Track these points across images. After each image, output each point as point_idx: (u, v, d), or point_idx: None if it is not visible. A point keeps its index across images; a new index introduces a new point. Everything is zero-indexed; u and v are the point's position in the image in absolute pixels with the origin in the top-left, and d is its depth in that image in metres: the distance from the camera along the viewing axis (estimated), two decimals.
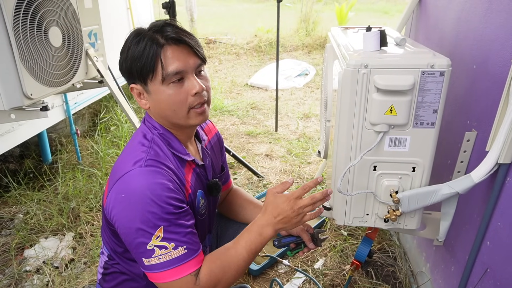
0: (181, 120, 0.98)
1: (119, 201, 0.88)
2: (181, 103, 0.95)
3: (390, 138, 1.06)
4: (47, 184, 2.41)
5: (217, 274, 0.94)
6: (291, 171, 2.73)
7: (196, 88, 0.95)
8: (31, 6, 1.52)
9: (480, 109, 1.16)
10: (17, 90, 1.52)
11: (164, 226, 0.87)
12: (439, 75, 0.97)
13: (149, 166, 0.91)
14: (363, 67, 0.99)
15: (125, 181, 0.89)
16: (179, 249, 0.88)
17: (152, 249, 0.86)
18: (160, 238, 0.86)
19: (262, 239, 0.98)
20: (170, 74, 0.92)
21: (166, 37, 0.93)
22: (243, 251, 0.97)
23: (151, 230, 0.86)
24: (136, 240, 0.87)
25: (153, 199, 0.86)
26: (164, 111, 0.97)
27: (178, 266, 0.88)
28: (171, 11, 2.04)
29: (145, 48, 0.92)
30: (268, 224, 0.99)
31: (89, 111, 3.39)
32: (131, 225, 0.87)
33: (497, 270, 1.04)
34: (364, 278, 1.71)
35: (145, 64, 0.92)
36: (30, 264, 1.81)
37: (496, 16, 1.09)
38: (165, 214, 0.87)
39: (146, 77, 0.94)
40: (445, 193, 1.07)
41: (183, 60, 0.93)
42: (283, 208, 0.99)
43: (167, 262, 0.88)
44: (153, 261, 0.87)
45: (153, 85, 0.94)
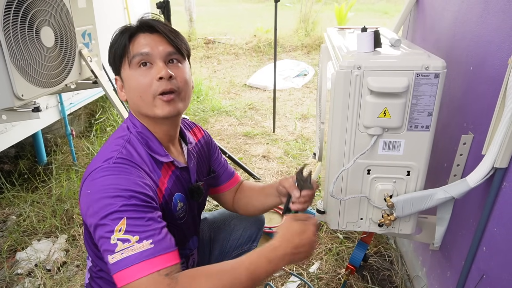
0: (148, 109, 0.95)
1: (85, 198, 0.85)
2: (146, 87, 0.93)
3: (384, 141, 1.04)
4: (41, 186, 2.39)
5: (200, 282, 0.80)
6: (288, 173, 2.70)
7: (161, 73, 0.92)
8: (22, 6, 1.49)
9: (476, 111, 1.13)
10: (7, 90, 1.50)
11: (127, 217, 0.79)
12: (434, 77, 0.95)
13: (117, 163, 0.88)
14: (356, 69, 0.97)
15: (92, 178, 0.86)
16: (144, 242, 0.78)
17: (115, 243, 0.77)
18: (123, 231, 0.78)
19: (268, 268, 0.86)
20: (135, 55, 0.93)
21: (139, 26, 0.97)
22: (243, 273, 0.83)
23: (113, 222, 0.79)
24: (99, 234, 0.80)
25: (117, 191, 0.81)
26: (134, 99, 0.97)
27: (142, 261, 0.77)
28: (165, 11, 2.01)
29: (118, 37, 0.97)
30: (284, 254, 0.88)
31: (85, 112, 3.37)
32: (95, 220, 0.81)
33: (493, 277, 1.02)
34: (359, 282, 1.69)
35: (116, 50, 0.96)
36: (21, 267, 1.79)
37: (492, 17, 1.06)
38: (129, 205, 0.80)
39: (119, 64, 0.97)
40: (440, 198, 1.05)
41: (152, 45, 0.94)
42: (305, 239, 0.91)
43: (131, 257, 0.77)
44: (116, 257, 0.77)
45: (124, 71, 0.96)
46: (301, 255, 0.91)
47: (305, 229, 0.93)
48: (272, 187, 1.22)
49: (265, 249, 0.88)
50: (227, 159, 2.67)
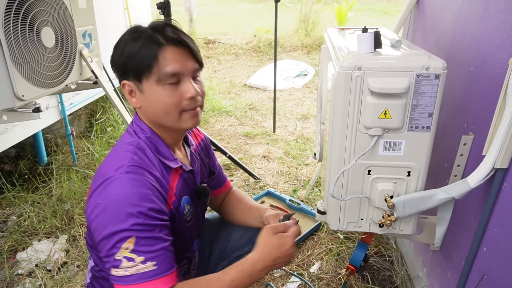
0: (172, 123, 0.96)
1: (96, 207, 0.86)
2: (175, 105, 0.93)
3: (384, 142, 1.04)
4: (41, 186, 2.39)
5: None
6: (288, 173, 2.70)
7: (191, 92, 0.93)
8: (22, 6, 1.49)
9: (477, 112, 1.13)
10: (8, 91, 1.50)
11: (136, 237, 0.82)
12: (434, 78, 0.95)
13: (130, 173, 0.88)
14: (356, 70, 0.97)
15: (104, 188, 0.86)
16: (148, 264, 0.83)
17: (120, 259, 0.82)
18: (130, 250, 0.82)
19: (250, 281, 0.92)
20: (166, 74, 0.90)
21: (166, 37, 0.91)
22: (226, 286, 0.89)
23: (121, 239, 0.82)
24: (107, 247, 0.83)
25: (129, 208, 0.83)
26: (155, 112, 0.95)
27: (144, 282, 0.82)
28: (166, 11, 2.01)
29: (143, 45, 0.90)
30: (263, 268, 0.93)
31: (86, 112, 3.37)
32: (104, 232, 0.83)
33: (494, 277, 1.02)
34: (360, 283, 1.69)
35: (142, 61, 0.90)
36: (22, 267, 1.79)
37: (493, 17, 1.06)
38: (139, 224, 0.83)
39: (141, 75, 0.92)
40: (440, 198, 1.05)
41: (181, 62, 0.92)
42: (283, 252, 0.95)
43: (134, 276, 0.82)
44: (119, 272, 0.82)
45: (148, 84, 0.92)
46: (280, 265, 0.96)
47: (283, 243, 0.96)
48: (258, 211, 1.25)
49: (245, 264, 0.93)
50: (228, 159, 2.68)
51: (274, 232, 0.97)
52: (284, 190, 2.50)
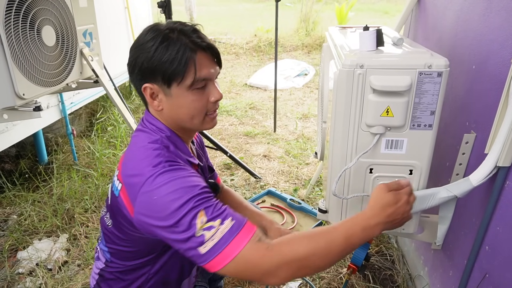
0: (194, 126, 1.00)
1: (152, 205, 0.85)
2: (201, 109, 0.97)
3: (386, 140, 1.04)
4: (42, 185, 2.39)
5: (297, 244, 0.83)
6: (289, 172, 2.70)
7: (216, 96, 0.97)
8: (23, 5, 1.49)
9: (479, 110, 1.13)
10: (9, 90, 1.50)
11: (203, 208, 0.83)
12: (437, 76, 0.95)
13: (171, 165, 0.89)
14: (358, 68, 0.97)
15: (151, 184, 0.86)
16: (226, 222, 0.83)
17: (201, 234, 0.81)
18: (205, 221, 0.82)
19: (363, 236, 0.86)
20: (198, 79, 0.93)
21: (196, 43, 0.93)
22: (339, 237, 0.85)
23: (193, 218, 0.82)
24: (183, 236, 0.82)
25: (185, 190, 0.84)
26: (180, 115, 0.97)
27: (234, 237, 0.81)
28: (166, 11, 2.01)
29: (178, 51, 0.90)
30: (377, 223, 0.88)
31: (86, 111, 3.37)
32: (172, 224, 0.83)
33: (496, 276, 1.02)
34: (361, 282, 1.69)
35: (177, 67, 0.91)
36: (23, 266, 1.79)
37: (495, 15, 1.06)
38: (200, 199, 0.84)
39: (173, 80, 0.92)
40: (443, 197, 1.05)
41: (209, 67, 0.95)
42: (398, 208, 0.90)
43: (222, 239, 0.81)
44: (208, 245, 0.81)
45: (178, 89, 0.93)
46: (395, 223, 0.91)
47: (398, 199, 0.91)
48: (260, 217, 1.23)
49: (358, 218, 0.89)
50: (229, 159, 2.68)
51: (388, 189, 0.93)
52: (285, 189, 2.49)
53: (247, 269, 0.82)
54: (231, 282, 1.72)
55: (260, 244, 0.82)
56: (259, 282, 0.84)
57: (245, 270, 0.82)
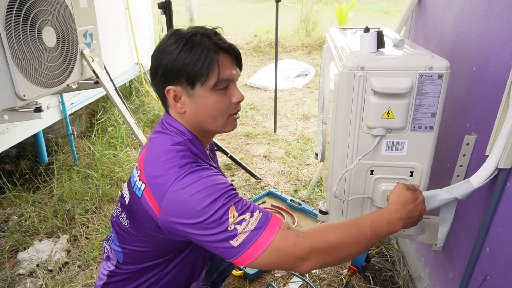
0: (217, 127, 1.01)
1: (181, 205, 0.86)
2: (224, 110, 0.98)
3: (387, 142, 1.04)
4: (42, 186, 2.39)
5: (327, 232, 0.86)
6: (289, 173, 2.70)
7: (238, 97, 0.99)
8: (23, 6, 1.49)
9: (480, 112, 1.13)
10: (9, 91, 1.50)
11: (233, 203, 0.86)
12: (438, 78, 0.95)
13: (197, 165, 0.91)
14: (359, 69, 0.97)
15: (179, 184, 0.87)
16: (255, 215, 0.85)
17: (233, 229, 0.83)
18: (237, 216, 0.84)
19: (387, 228, 0.91)
20: (222, 80, 0.95)
21: (219, 45, 0.96)
22: (366, 227, 0.89)
23: (225, 215, 0.84)
24: (216, 231, 0.84)
25: (214, 188, 0.86)
26: (203, 117, 0.98)
27: (265, 228, 0.84)
28: (167, 11, 2.01)
29: (202, 52, 0.93)
30: (400, 218, 0.92)
31: (86, 112, 3.37)
32: (204, 221, 0.84)
33: (497, 278, 1.02)
34: (361, 283, 1.69)
35: (199, 68, 0.93)
36: (23, 267, 1.79)
37: (496, 17, 1.06)
38: (229, 195, 0.86)
39: (197, 81, 0.94)
40: (443, 199, 1.05)
41: (232, 68, 0.98)
42: (417, 206, 0.95)
43: (254, 230, 0.84)
44: (241, 237, 0.83)
45: (202, 90, 0.95)
46: (413, 220, 0.96)
47: (416, 197, 0.97)
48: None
49: (383, 212, 0.94)
50: (229, 159, 2.68)
51: (407, 188, 0.98)
52: (285, 190, 2.49)
53: (280, 257, 0.84)
54: (231, 283, 1.72)
55: (290, 232, 0.85)
56: (291, 269, 0.86)
57: (278, 258, 0.84)
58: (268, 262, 0.84)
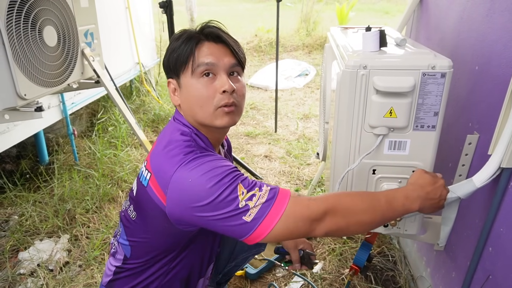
0: (207, 119, 0.97)
1: (187, 189, 0.85)
2: (208, 98, 0.95)
3: (389, 141, 1.03)
4: (43, 185, 2.39)
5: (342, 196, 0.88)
6: (290, 173, 2.70)
7: (225, 86, 0.94)
8: (24, 5, 1.49)
9: (482, 111, 1.13)
10: (10, 90, 1.49)
11: (240, 182, 0.85)
12: (440, 77, 0.95)
13: (201, 151, 0.91)
14: (362, 68, 0.96)
15: (184, 169, 0.86)
16: (264, 188, 0.85)
17: (244, 205, 0.83)
18: (245, 192, 0.84)
19: (405, 202, 0.90)
20: (200, 64, 0.94)
21: (205, 34, 0.97)
22: (382, 197, 0.89)
23: (233, 192, 0.83)
24: (226, 210, 0.83)
25: (218, 170, 0.85)
26: (192, 107, 0.97)
27: (276, 197, 0.84)
28: (168, 11, 2.01)
29: (183, 41, 0.96)
30: (418, 197, 0.91)
31: (87, 111, 3.37)
32: (212, 202, 0.83)
33: (500, 277, 1.01)
34: (363, 283, 1.68)
35: (179, 55, 0.95)
36: (24, 267, 1.78)
37: (499, 16, 1.06)
38: (235, 175, 0.86)
39: (179, 69, 0.96)
40: (446, 198, 1.04)
41: (217, 55, 0.95)
42: (436, 188, 0.93)
43: (266, 202, 0.83)
44: (253, 211, 0.83)
45: (184, 78, 0.96)
46: (432, 203, 0.93)
47: (436, 180, 0.95)
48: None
49: (400, 188, 0.94)
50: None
51: (426, 172, 0.97)
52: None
53: (295, 223, 0.84)
54: (232, 283, 1.72)
55: (302, 197, 0.86)
56: (307, 234, 0.86)
57: (294, 224, 0.84)
58: (283, 231, 0.84)
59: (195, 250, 1.07)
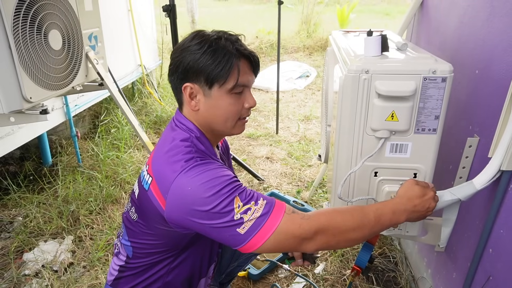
0: (225, 129, 1.04)
1: (186, 196, 0.89)
2: (236, 113, 1.02)
3: (391, 144, 1.05)
4: (47, 187, 2.41)
5: (333, 215, 0.90)
6: (291, 174, 2.71)
7: (251, 103, 1.03)
8: (31, 9, 1.51)
9: (482, 114, 1.14)
10: (16, 93, 1.51)
11: (237, 194, 0.88)
12: (441, 81, 0.96)
13: (201, 159, 0.94)
14: (364, 73, 0.98)
15: (184, 177, 0.89)
16: (260, 202, 0.89)
17: (239, 218, 0.86)
18: (241, 205, 0.87)
19: (392, 217, 0.94)
20: (239, 85, 0.99)
21: (240, 51, 1.00)
22: (371, 213, 0.92)
23: (229, 205, 0.87)
24: (221, 221, 0.86)
25: (218, 180, 0.88)
26: (215, 117, 1.02)
27: (270, 214, 0.88)
28: (171, 14, 2.03)
29: (224, 56, 0.97)
30: (405, 210, 0.95)
31: (90, 113, 3.39)
32: (209, 212, 0.86)
33: (500, 278, 1.03)
34: (365, 284, 1.70)
35: (222, 70, 0.97)
36: (29, 268, 1.80)
37: (498, 20, 1.08)
38: (233, 187, 0.89)
39: (216, 82, 0.98)
40: (447, 200, 1.06)
41: (249, 74, 1.02)
42: (424, 201, 0.96)
43: (260, 217, 0.87)
44: (247, 225, 0.86)
45: (218, 92, 0.99)
46: (419, 214, 0.97)
47: (425, 193, 0.97)
48: None
49: (387, 202, 0.97)
50: (232, 160, 2.69)
51: (417, 184, 0.99)
52: (288, 191, 2.51)
53: (286, 240, 0.88)
54: (235, 284, 1.73)
55: (295, 215, 0.89)
56: (297, 249, 0.90)
57: (285, 241, 0.88)
58: (274, 245, 0.88)
59: (195, 251, 1.10)
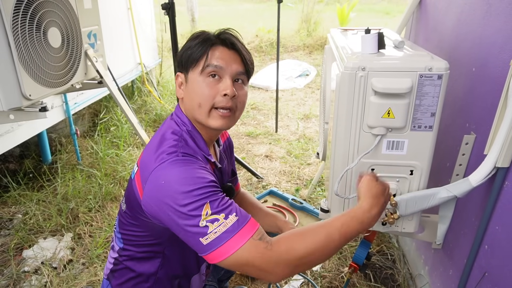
0: (202, 117, 1.00)
1: (159, 189, 0.88)
2: (209, 97, 0.98)
3: (387, 141, 1.06)
4: (46, 185, 2.41)
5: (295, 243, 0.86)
6: (290, 172, 2.72)
7: (227, 90, 0.98)
8: (30, 7, 1.51)
9: (479, 112, 1.15)
10: (15, 90, 1.52)
11: (209, 201, 0.86)
12: (437, 78, 0.97)
13: (185, 155, 0.93)
14: (360, 70, 0.99)
15: (162, 169, 0.89)
16: (230, 217, 0.86)
17: (204, 226, 0.84)
18: (210, 214, 0.85)
19: (359, 228, 0.90)
20: (209, 65, 0.98)
21: (221, 38, 1.01)
22: (336, 232, 0.88)
23: (198, 209, 0.85)
24: (187, 222, 0.85)
25: (193, 181, 0.87)
26: (191, 102, 1.01)
27: (236, 233, 0.84)
28: (170, 12, 2.03)
29: (199, 42, 1.00)
30: (377, 213, 0.92)
31: (89, 111, 3.39)
32: (177, 210, 0.85)
33: (495, 274, 1.04)
34: (362, 281, 1.71)
35: (193, 53, 1.00)
36: (28, 265, 1.81)
37: (495, 19, 1.08)
38: (207, 192, 0.87)
39: (190, 65, 1.01)
40: (443, 197, 1.07)
41: (227, 60, 0.99)
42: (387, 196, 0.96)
43: (224, 233, 0.84)
44: (210, 237, 0.84)
45: (192, 74, 1.00)
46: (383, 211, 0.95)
47: (385, 187, 0.97)
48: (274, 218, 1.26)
49: (356, 212, 0.92)
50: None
51: (374, 178, 0.98)
52: (287, 189, 2.51)
53: (246, 265, 0.85)
54: (234, 281, 1.74)
55: (260, 243, 0.85)
56: (260, 278, 0.88)
57: (244, 266, 0.85)
58: (234, 266, 0.86)
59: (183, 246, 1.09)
